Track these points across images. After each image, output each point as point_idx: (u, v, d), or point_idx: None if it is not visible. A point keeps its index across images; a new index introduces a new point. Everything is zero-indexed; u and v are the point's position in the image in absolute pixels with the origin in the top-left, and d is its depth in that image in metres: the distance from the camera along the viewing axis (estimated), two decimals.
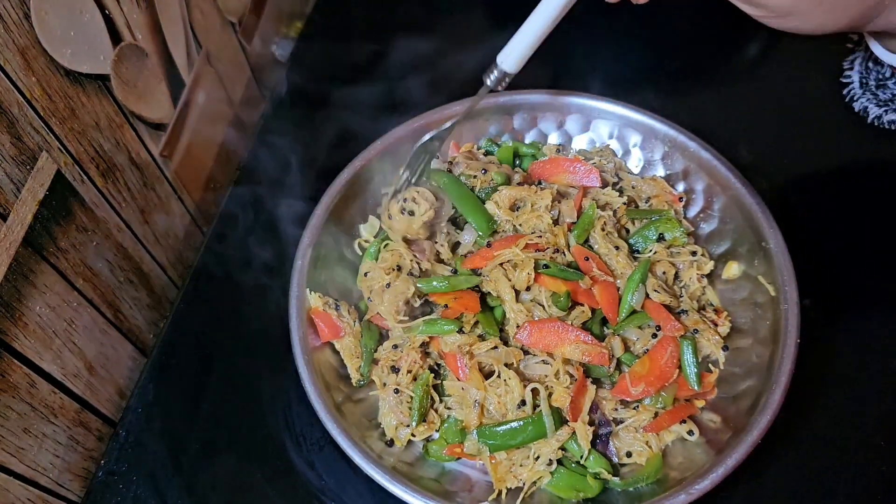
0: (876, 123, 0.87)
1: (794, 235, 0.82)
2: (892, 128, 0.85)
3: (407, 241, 0.86)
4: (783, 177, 0.99)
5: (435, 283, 0.81)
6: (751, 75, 1.15)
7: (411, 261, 0.84)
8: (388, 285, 0.82)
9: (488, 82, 0.73)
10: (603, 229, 0.84)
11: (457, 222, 0.89)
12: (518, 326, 0.78)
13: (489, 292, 0.81)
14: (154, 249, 0.96)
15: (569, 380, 0.75)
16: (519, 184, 0.89)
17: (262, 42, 1.22)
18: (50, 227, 0.75)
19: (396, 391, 0.78)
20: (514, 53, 0.70)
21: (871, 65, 0.90)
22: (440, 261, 0.87)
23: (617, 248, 0.83)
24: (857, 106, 0.90)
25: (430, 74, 1.10)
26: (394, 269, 0.83)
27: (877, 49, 0.80)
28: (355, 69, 1.16)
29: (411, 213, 0.84)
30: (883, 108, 0.86)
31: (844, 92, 0.92)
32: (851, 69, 0.92)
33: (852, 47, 0.92)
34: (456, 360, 0.77)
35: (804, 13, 0.64)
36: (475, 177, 0.89)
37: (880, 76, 0.88)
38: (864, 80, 0.90)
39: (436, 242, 0.86)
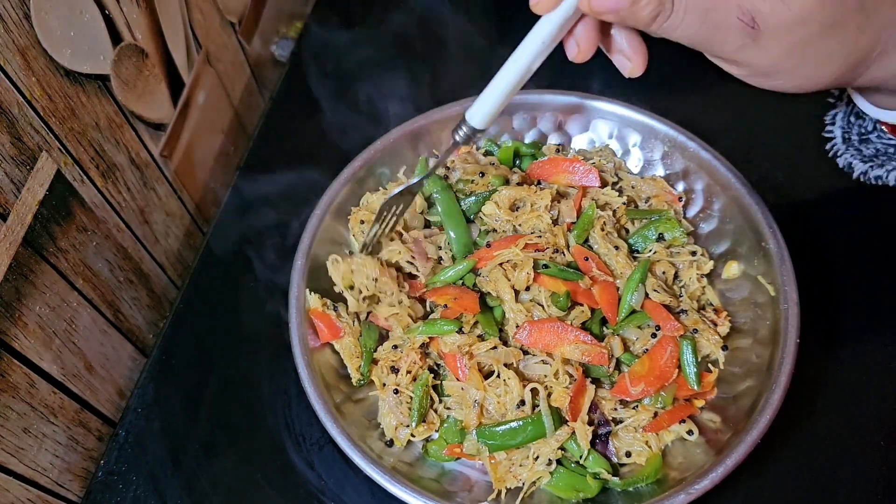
0: (862, 179, 0.85)
1: (794, 235, 0.82)
2: (878, 183, 0.83)
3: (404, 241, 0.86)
4: (783, 176, 0.99)
5: (441, 277, 0.81)
6: None
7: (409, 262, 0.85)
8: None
9: (457, 138, 0.71)
10: (602, 229, 0.84)
11: None
12: (517, 326, 0.78)
13: (489, 292, 0.81)
14: (154, 249, 0.96)
15: (568, 380, 0.75)
16: (518, 184, 0.89)
17: (262, 42, 1.22)
18: (50, 227, 0.75)
19: (396, 391, 0.78)
20: (482, 110, 0.68)
21: (852, 119, 0.88)
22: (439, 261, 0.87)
23: (616, 247, 0.83)
24: (841, 162, 0.88)
25: (431, 75, 1.10)
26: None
27: (861, 103, 0.78)
28: (355, 69, 1.16)
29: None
30: (868, 164, 0.85)
31: (827, 147, 0.90)
32: (833, 124, 0.91)
33: (833, 101, 0.91)
34: (455, 361, 0.77)
35: (788, 71, 0.62)
36: (472, 181, 0.89)
37: (863, 130, 0.87)
38: (846, 136, 0.89)
39: (439, 248, 0.87)
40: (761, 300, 0.81)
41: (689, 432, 0.77)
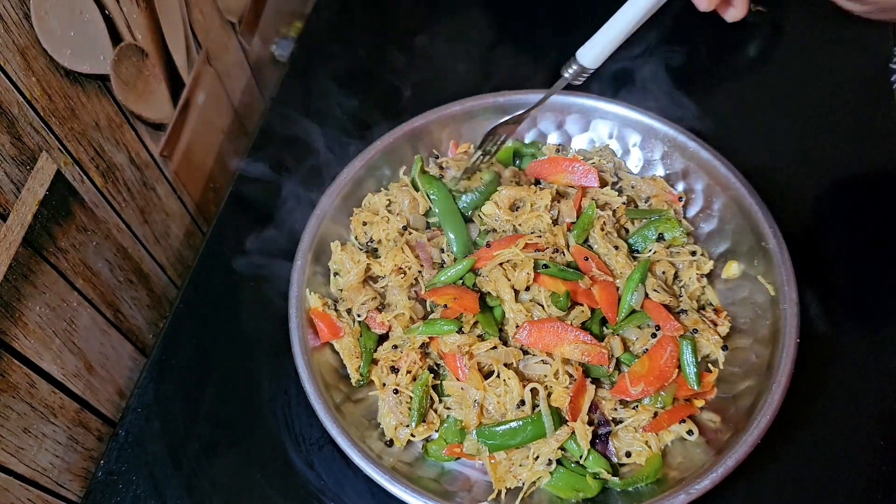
0: None
1: (794, 235, 0.82)
2: None
3: (411, 246, 0.86)
4: (783, 176, 0.99)
5: (442, 277, 0.82)
6: (751, 74, 1.15)
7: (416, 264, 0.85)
8: None
9: (566, 75, 0.72)
10: (602, 229, 0.84)
11: None
12: (517, 326, 0.78)
13: (488, 292, 0.81)
14: (154, 249, 0.96)
15: (568, 380, 0.75)
16: (517, 183, 0.89)
17: (262, 42, 1.22)
18: (50, 227, 0.75)
19: (396, 391, 0.78)
20: (595, 49, 0.68)
21: None
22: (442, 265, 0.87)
23: (616, 247, 0.83)
24: None
25: (430, 74, 1.10)
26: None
27: None
28: (355, 69, 1.16)
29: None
30: None
31: (893, 78, 0.90)
32: None
33: None
34: (455, 361, 0.77)
35: None
36: (467, 177, 0.89)
37: None
38: None
39: (442, 251, 0.87)
40: (761, 300, 0.81)
41: (689, 432, 0.77)
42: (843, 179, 1.01)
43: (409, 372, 0.79)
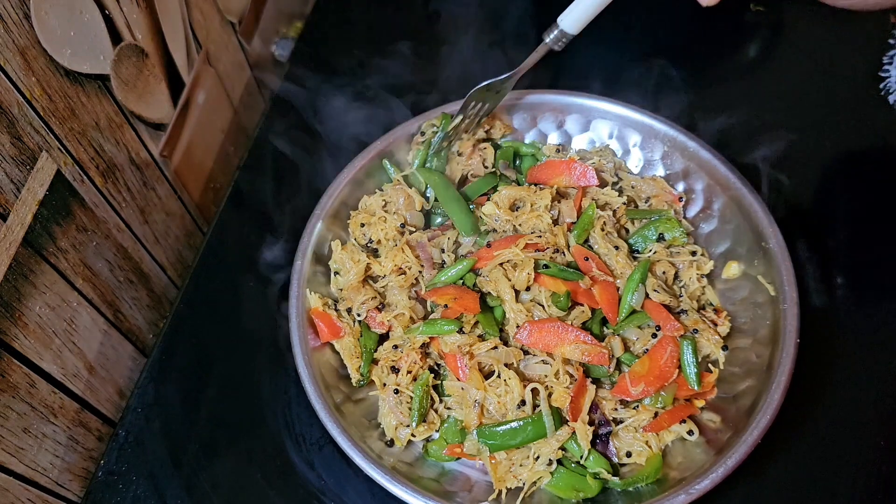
0: None
1: (793, 235, 0.82)
2: None
3: (411, 246, 0.86)
4: (783, 176, 0.99)
5: (442, 277, 0.82)
6: (751, 74, 1.15)
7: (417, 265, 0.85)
8: None
9: (547, 40, 0.75)
10: (602, 229, 0.84)
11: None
12: (518, 326, 0.78)
13: (489, 292, 0.81)
14: (154, 249, 0.96)
15: (569, 380, 0.75)
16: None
17: (262, 42, 1.22)
18: (50, 227, 0.75)
19: (396, 391, 0.78)
20: (575, 15, 0.71)
21: None
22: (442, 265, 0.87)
23: (616, 247, 0.83)
24: (892, 98, 0.90)
25: (430, 74, 1.10)
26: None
27: None
28: (355, 69, 1.16)
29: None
30: None
31: (881, 86, 0.92)
32: (891, 64, 0.92)
33: (894, 43, 0.93)
34: (456, 361, 0.77)
35: None
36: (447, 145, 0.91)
37: None
38: None
39: (442, 251, 0.87)
40: (761, 300, 0.81)
41: (690, 432, 0.77)
42: (842, 179, 1.01)
43: (409, 372, 0.79)
